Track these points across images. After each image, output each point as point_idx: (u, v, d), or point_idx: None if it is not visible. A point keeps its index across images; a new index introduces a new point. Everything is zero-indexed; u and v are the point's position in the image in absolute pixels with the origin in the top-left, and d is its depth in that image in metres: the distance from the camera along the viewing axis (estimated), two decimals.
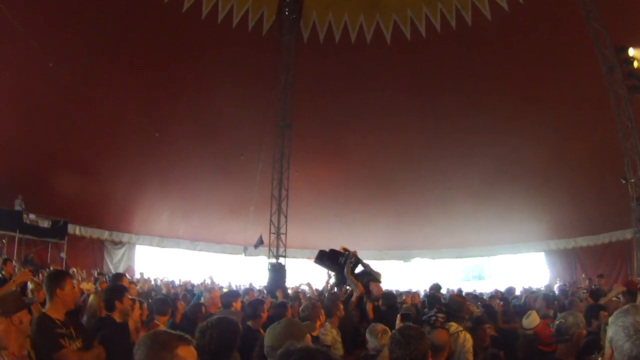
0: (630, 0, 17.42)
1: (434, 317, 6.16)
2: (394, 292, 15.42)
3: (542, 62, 20.01)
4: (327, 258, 10.39)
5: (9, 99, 18.43)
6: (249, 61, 21.06)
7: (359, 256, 10.00)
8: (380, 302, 8.17)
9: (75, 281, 11.25)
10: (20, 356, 3.56)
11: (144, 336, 2.50)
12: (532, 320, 7.13)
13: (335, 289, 9.68)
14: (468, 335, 5.99)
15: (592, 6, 16.46)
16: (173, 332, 2.50)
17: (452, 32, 20.84)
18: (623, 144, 16.80)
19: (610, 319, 2.21)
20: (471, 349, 5.83)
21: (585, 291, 10.75)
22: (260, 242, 21.46)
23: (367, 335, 5.24)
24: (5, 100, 18.39)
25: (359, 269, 9.79)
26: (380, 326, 5.16)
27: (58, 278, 4.33)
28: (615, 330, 2.13)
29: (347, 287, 9.46)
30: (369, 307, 8.12)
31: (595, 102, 18.65)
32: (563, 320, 4.30)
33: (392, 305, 8.38)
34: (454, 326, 5.78)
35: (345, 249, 10.20)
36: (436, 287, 13.11)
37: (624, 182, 16.83)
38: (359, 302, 8.47)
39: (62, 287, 4.23)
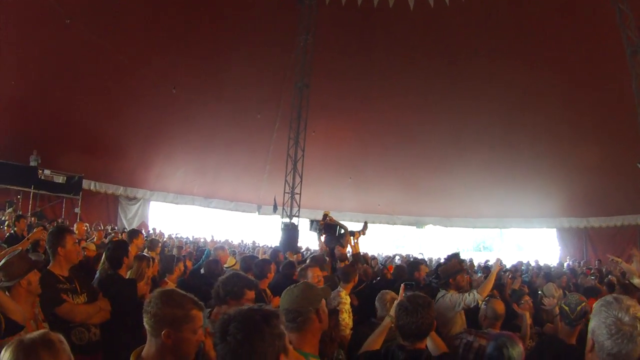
0: None
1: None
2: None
3: (566, 39, 19.53)
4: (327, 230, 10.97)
5: (25, 55, 18.42)
6: (268, 19, 20.77)
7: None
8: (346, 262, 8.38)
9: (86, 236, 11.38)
10: (31, 315, 3.59)
11: (158, 291, 2.53)
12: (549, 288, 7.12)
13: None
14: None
15: None
16: (187, 294, 2.54)
17: (477, 2, 20.29)
18: None
19: (594, 308, 2.25)
20: None
21: (593, 277, 10.63)
22: (275, 206, 21.54)
23: (376, 303, 5.19)
24: (22, 56, 18.39)
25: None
26: (389, 295, 5.08)
27: (59, 236, 4.30)
28: (597, 325, 2.17)
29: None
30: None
31: (618, 81, 18.28)
32: (580, 307, 4.23)
33: (400, 275, 8.40)
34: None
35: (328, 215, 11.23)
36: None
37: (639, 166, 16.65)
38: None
39: (63, 245, 4.23)
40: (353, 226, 11.43)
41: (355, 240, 9.66)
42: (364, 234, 10.56)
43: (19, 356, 2.06)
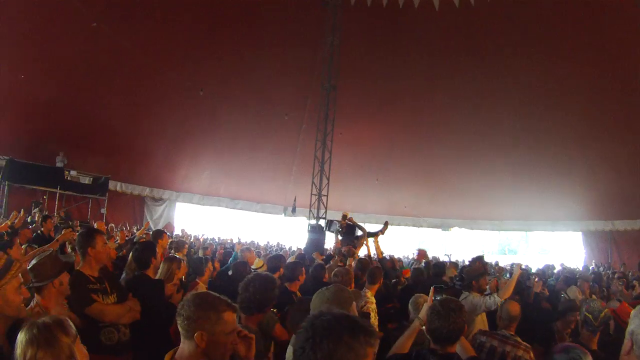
0: None
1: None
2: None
3: (590, 35, 19.22)
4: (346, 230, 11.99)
5: (51, 58, 18.63)
6: (294, 21, 20.74)
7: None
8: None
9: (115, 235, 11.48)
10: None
11: (192, 294, 2.54)
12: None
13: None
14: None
15: None
16: (221, 296, 2.55)
17: (502, 1, 20.06)
18: None
19: (632, 312, 2.31)
20: None
21: (621, 283, 10.47)
22: (294, 207, 21.59)
23: (410, 306, 5.22)
24: (48, 58, 18.60)
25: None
26: (422, 298, 5.06)
27: (89, 237, 4.34)
28: (638, 325, 2.22)
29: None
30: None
31: None
32: (603, 314, 4.44)
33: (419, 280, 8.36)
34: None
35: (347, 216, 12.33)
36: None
37: None
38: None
39: (93, 246, 4.26)
40: (377, 228, 11.49)
41: (376, 242, 9.59)
42: (382, 233, 10.60)
43: (34, 332, 2.21)
